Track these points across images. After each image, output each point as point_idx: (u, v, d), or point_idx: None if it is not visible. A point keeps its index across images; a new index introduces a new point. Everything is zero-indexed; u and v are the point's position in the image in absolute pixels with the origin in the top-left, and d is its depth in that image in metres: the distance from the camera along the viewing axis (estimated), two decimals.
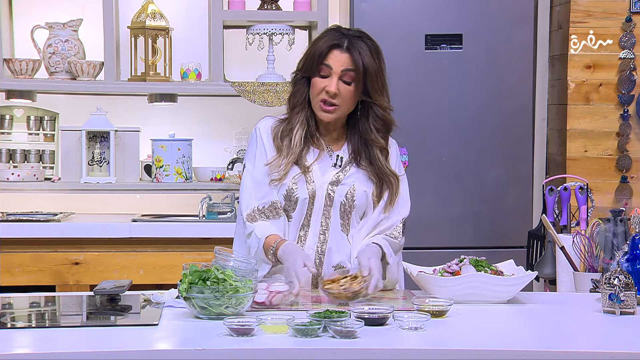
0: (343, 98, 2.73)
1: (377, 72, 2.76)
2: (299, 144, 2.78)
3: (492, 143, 4.16)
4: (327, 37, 2.77)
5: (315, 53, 2.75)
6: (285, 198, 2.77)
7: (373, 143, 2.80)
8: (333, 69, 2.71)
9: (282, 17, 4.31)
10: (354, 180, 2.79)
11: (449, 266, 2.67)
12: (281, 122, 2.84)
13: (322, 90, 2.72)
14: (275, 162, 2.78)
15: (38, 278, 3.91)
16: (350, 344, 2.13)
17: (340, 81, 2.72)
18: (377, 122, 2.79)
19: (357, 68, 2.71)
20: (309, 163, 2.79)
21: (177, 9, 4.47)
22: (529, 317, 2.52)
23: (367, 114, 2.79)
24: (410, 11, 4.12)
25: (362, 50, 2.73)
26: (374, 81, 2.74)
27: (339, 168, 2.80)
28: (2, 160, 4.33)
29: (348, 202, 2.78)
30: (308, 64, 2.77)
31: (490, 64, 4.15)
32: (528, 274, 2.66)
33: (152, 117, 4.44)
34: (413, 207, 4.08)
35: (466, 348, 2.14)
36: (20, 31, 4.39)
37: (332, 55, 2.73)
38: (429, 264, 2.78)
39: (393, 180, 2.81)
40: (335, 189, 2.78)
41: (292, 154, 2.77)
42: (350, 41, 2.74)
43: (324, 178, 2.79)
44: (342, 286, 2.52)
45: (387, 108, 2.80)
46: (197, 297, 2.33)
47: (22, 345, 2.21)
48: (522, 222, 4.12)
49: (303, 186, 2.77)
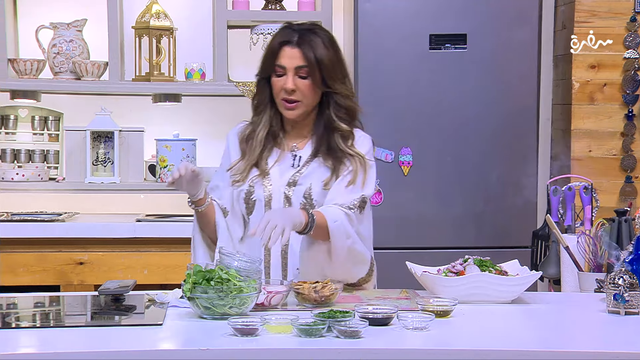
0: (302, 93, 2.74)
1: (333, 62, 2.76)
2: (259, 145, 2.80)
3: (496, 143, 4.16)
4: (278, 35, 2.79)
5: (269, 53, 2.78)
6: (244, 201, 2.79)
7: (335, 130, 2.79)
8: (287, 67, 2.73)
9: (286, 17, 4.30)
10: (310, 179, 2.78)
11: (453, 266, 2.67)
12: (249, 125, 2.86)
13: (281, 89, 2.74)
14: (237, 166, 2.82)
15: (42, 278, 3.91)
16: (355, 344, 2.13)
17: (296, 77, 2.73)
18: (339, 111, 2.79)
19: (310, 62, 2.72)
20: (269, 165, 2.80)
21: (182, 9, 4.47)
22: (534, 317, 2.51)
23: (329, 103, 2.79)
24: (414, 11, 4.12)
25: (313, 42, 2.74)
26: (330, 71, 2.75)
27: (296, 168, 2.80)
28: (7, 160, 4.33)
29: (307, 201, 2.77)
30: (264, 65, 2.80)
31: (494, 64, 4.15)
32: (532, 274, 2.65)
33: (156, 117, 4.45)
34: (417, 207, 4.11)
35: (470, 348, 2.14)
36: (24, 31, 4.40)
37: (284, 53, 2.74)
38: (433, 264, 2.78)
39: (357, 159, 2.77)
40: (292, 189, 2.77)
41: (252, 157, 2.80)
42: (301, 36, 2.75)
43: (282, 180, 2.78)
44: (314, 289, 2.51)
45: (349, 96, 2.80)
46: (201, 297, 2.33)
47: (27, 345, 2.21)
48: (527, 222, 4.11)
49: (260, 189, 2.78)
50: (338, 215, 2.68)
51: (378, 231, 4.07)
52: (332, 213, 2.68)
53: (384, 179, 4.11)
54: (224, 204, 2.83)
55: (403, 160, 4.13)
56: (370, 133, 4.07)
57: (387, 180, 4.11)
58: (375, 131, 4.06)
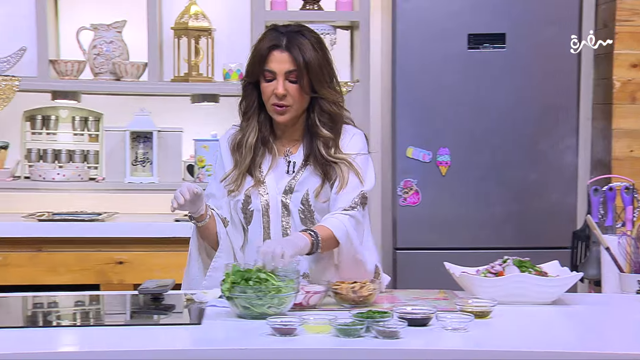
0: (293, 97, 2.69)
1: (321, 64, 2.71)
2: (250, 152, 2.75)
3: (535, 142, 4.12)
4: (266, 39, 2.73)
5: (256, 58, 2.72)
6: (242, 211, 2.76)
7: (318, 136, 2.74)
8: (277, 72, 2.68)
9: (324, 17, 4.31)
10: (307, 185, 2.74)
11: (492, 267, 2.65)
12: (239, 131, 2.82)
13: (272, 94, 2.69)
14: (230, 175, 2.78)
15: (82, 277, 3.95)
16: (393, 344, 2.12)
17: (286, 81, 2.68)
18: (322, 116, 2.74)
19: (299, 66, 2.67)
20: (263, 173, 2.76)
21: (220, 10, 4.49)
22: (574, 319, 2.49)
23: (314, 108, 2.75)
24: (453, 10, 4.10)
25: (301, 45, 2.69)
26: (318, 74, 2.70)
27: (291, 174, 2.76)
28: (48, 160, 4.38)
29: (305, 207, 2.74)
30: (252, 69, 2.74)
31: (533, 63, 4.11)
32: (573, 275, 2.63)
33: (194, 118, 4.46)
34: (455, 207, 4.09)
35: (510, 349, 2.12)
36: (65, 33, 4.44)
37: (273, 58, 2.69)
38: (471, 265, 2.76)
39: (342, 165, 2.72)
40: (289, 197, 2.74)
41: (244, 165, 2.76)
42: (289, 39, 2.69)
43: (278, 187, 2.75)
44: (353, 289, 2.50)
45: (335, 101, 2.75)
46: (240, 297, 2.33)
47: (67, 344, 2.24)
48: (567, 223, 4.07)
49: (256, 198, 2.74)
50: (342, 223, 2.64)
51: (416, 231, 4.11)
52: (335, 223, 2.64)
53: (421, 179, 4.10)
54: (223, 214, 2.80)
55: (441, 160, 4.11)
56: (407, 133, 4.10)
57: (424, 180, 4.10)
58: (412, 131, 4.10)
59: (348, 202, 2.70)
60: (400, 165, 4.10)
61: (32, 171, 4.30)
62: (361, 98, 4.26)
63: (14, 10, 4.40)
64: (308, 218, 2.74)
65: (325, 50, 2.75)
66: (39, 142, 4.40)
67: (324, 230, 2.61)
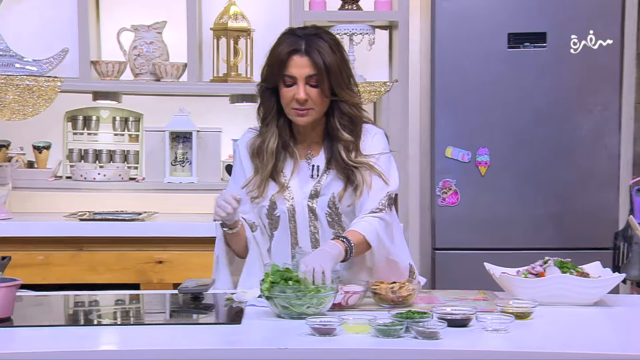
0: (314, 100, 2.67)
1: (340, 67, 2.69)
2: (272, 158, 2.73)
3: (577, 142, 4.08)
4: (284, 44, 2.69)
5: (275, 63, 2.69)
6: (267, 217, 2.75)
7: (338, 139, 2.73)
8: (297, 77, 2.66)
9: (363, 17, 4.30)
10: (332, 188, 2.73)
11: (533, 267, 2.63)
12: (258, 136, 2.79)
13: (292, 99, 2.67)
14: (252, 182, 2.76)
15: (123, 276, 3.97)
16: (433, 344, 2.11)
17: (307, 86, 2.66)
18: (342, 118, 2.72)
19: (320, 70, 2.65)
20: (286, 177, 2.75)
21: (259, 10, 4.50)
22: (616, 320, 2.46)
23: (333, 111, 2.73)
24: (493, 9, 4.07)
25: (321, 49, 2.66)
26: (338, 77, 2.67)
27: (316, 178, 2.75)
28: (89, 160, 4.42)
29: (333, 210, 2.73)
30: (271, 75, 2.71)
31: (574, 63, 4.07)
32: (615, 276, 2.60)
33: (233, 118, 4.48)
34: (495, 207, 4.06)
35: (551, 350, 2.11)
36: (106, 34, 4.48)
37: (293, 63, 2.66)
38: (511, 265, 2.74)
39: (362, 169, 2.71)
40: (315, 201, 2.73)
41: (266, 170, 2.73)
42: (308, 43, 2.66)
43: (302, 192, 2.74)
44: (392, 289, 2.50)
45: (354, 103, 2.73)
46: (279, 297, 2.34)
47: (108, 342, 2.25)
48: (608, 223, 4.03)
49: (282, 204, 2.73)
50: (372, 226, 2.63)
51: (455, 231, 4.09)
52: (365, 226, 2.63)
53: (460, 179, 4.08)
54: (250, 219, 2.78)
55: (480, 160, 4.08)
56: (446, 133, 4.08)
57: (464, 180, 4.08)
58: (451, 131, 4.08)
59: (375, 204, 2.69)
60: (439, 165, 4.09)
61: (74, 171, 4.35)
62: (400, 98, 4.25)
63: (56, 13, 4.45)
64: (335, 221, 2.74)
65: (343, 51, 2.73)
66: (80, 143, 4.44)
67: (355, 235, 2.61)
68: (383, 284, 2.53)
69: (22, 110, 4.20)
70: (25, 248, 3.93)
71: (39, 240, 3.95)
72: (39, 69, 4.26)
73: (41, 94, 4.20)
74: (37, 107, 4.20)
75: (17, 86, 4.17)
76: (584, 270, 2.63)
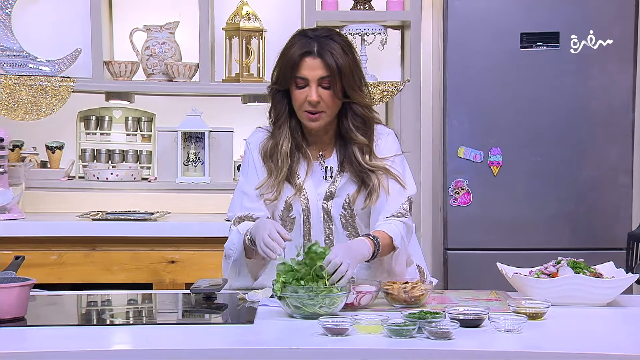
0: (326, 103, 2.67)
1: (352, 69, 2.68)
2: (287, 160, 2.72)
3: (590, 142, 4.07)
4: (296, 46, 2.68)
5: (287, 65, 2.68)
6: (281, 218, 2.75)
7: (353, 141, 2.73)
8: (310, 79, 2.65)
9: (374, 17, 4.30)
10: (346, 190, 2.73)
11: (546, 267, 2.63)
12: (269, 138, 2.78)
13: (304, 101, 2.67)
14: (266, 184, 2.74)
15: (135, 276, 3.98)
16: (445, 345, 2.11)
17: (319, 87, 2.66)
18: (356, 120, 2.72)
19: (332, 72, 2.64)
20: (301, 179, 2.74)
21: (271, 10, 4.50)
22: (629, 321, 2.45)
23: (347, 113, 2.72)
24: (505, 9, 4.06)
25: (333, 51, 2.65)
26: (350, 79, 2.67)
27: (330, 180, 2.75)
28: (102, 160, 4.43)
29: (348, 213, 2.73)
30: (282, 77, 2.70)
31: (587, 63, 4.06)
32: (628, 276, 2.59)
33: (245, 118, 4.48)
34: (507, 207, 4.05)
35: (564, 351, 2.10)
36: (119, 34, 4.49)
37: (305, 65, 2.65)
38: (524, 265, 2.73)
39: (378, 173, 2.71)
40: (330, 203, 2.73)
41: (281, 173, 2.72)
42: (320, 44, 2.66)
43: (318, 193, 2.74)
44: (404, 289, 2.49)
45: (367, 105, 2.73)
46: (292, 297, 2.34)
47: (120, 342, 2.26)
48: (622, 224, 4.02)
49: (297, 205, 2.73)
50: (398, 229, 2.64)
51: (467, 231, 4.08)
52: (392, 229, 2.64)
53: (473, 179, 4.07)
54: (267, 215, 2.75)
55: (492, 160, 4.08)
56: (459, 133, 4.08)
57: (476, 180, 4.07)
58: (463, 131, 4.07)
59: (397, 208, 2.71)
60: (451, 165, 4.08)
61: (87, 171, 4.36)
62: (412, 98, 4.25)
63: (69, 13, 4.46)
64: (349, 223, 2.74)
65: (355, 53, 2.73)
66: (93, 143, 4.46)
67: (382, 235, 2.62)
68: (395, 284, 2.53)
69: (35, 111, 4.21)
70: (39, 248, 3.94)
71: (52, 240, 3.96)
72: (52, 69, 4.28)
73: (54, 94, 4.21)
74: (50, 107, 4.21)
75: (31, 86, 4.19)
76: (597, 270, 2.62)
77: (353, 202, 2.73)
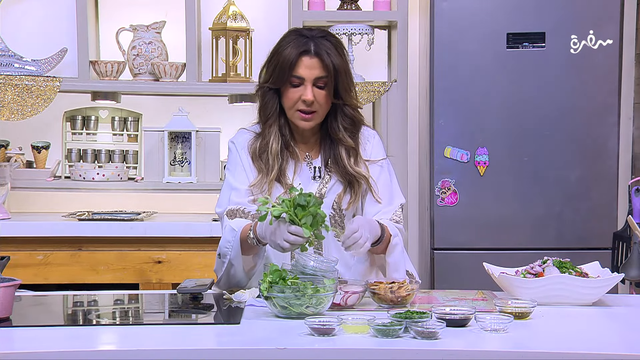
0: (319, 103, 2.68)
1: (346, 70, 2.70)
2: (277, 159, 2.72)
3: (575, 142, 4.09)
4: (292, 44, 2.67)
5: (284, 64, 2.66)
6: None
7: (340, 142, 2.74)
8: (306, 78, 2.65)
9: (361, 17, 4.31)
10: (336, 190, 2.75)
11: (532, 267, 2.63)
12: (256, 138, 2.77)
13: (298, 100, 2.67)
14: (257, 184, 2.73)
15: (122, 276, 3.98)
16: (432, 344, 2.11)
17: (314, 87, 2.66)
18: (345, 121, 2.74)
19: (329, 72, 2.65)
20: (290, 179, 2.73)
21: (258, 10, 4.50)
22: (615, 320, 2.46)
23: (336, 113, 2.73)
24: (492, 9, 4.07)
25: (329, 51, 2.66)
26: (343, 80, 2.69)
27: (318, 180, 2.76)
28: (88, 160, 4.42)
29: (337, 212, 2.74)
30: (277, 75, 2.68)
31: (573, 63, 4.07)
32: (614, 276, 2.60)
33: (232, 118, 4.48)
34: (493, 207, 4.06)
35: (550, 351, 2.11)
36: (105, 34, 4.48)
37: (302, 64, 2.65)
38: (511, 265, 2.74)
39: (364, 180, 2.74)
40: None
41: (272, 172, 2.71)
42: (317, 44, 2.66)
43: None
44: (391, 289, 2.50)
45: (356, 106, 2.75)
46: (278, 297, 2.34)
47: (106, 342, 2.25)
48: (607, 223, 4.03)
49: None
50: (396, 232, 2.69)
51: (454, 231, 4.09)
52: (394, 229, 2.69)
53: (459, 179, 4.08)
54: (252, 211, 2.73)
55: (479, 160, 4.09)
56: (445, 133, 4.09)
57: (463, 180, 4.08)
58: (450, 131, 4.08)
59: (390, 215, 2.75)
60: (438, 165, 4.09)
61: (73, 171, 4.35)
62: (399, 98, 4.25)
63: (55, 12, 4.45)
64: (338, 223, 2.75)
65: (346, 54, 2.75)
66: (79, 143, 4.44)
67: (386, 230, 2.66)
68: (382, 284, 2.53)
69: (21, 110, 4.20)
70: (24, 248, 3.93)
71: (37, 240, 3.95)
72: (37, 68, 4.26)
73: (40, 93, 4.20)
74: (36, 107, 4.20)
75: (16, 86, 4.18)
76: (582, 270, 2.63)
77: (341, 203, 2.74)
